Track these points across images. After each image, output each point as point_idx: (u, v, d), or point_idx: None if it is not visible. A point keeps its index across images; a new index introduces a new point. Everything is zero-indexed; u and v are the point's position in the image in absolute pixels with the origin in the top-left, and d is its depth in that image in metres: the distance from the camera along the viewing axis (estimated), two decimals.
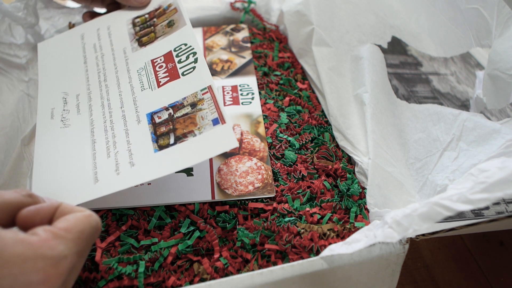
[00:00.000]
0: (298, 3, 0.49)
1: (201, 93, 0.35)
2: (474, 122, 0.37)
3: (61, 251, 0.24)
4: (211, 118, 0.34)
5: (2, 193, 0.26)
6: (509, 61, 0.37)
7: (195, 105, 0.35)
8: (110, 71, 0.41)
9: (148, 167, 0.33)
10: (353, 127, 0.41)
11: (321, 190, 0.37)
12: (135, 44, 0.42)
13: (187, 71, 0.37)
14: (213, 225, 0.35)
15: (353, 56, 0.46)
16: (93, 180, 0.33)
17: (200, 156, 0.32)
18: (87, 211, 0.27)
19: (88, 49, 0.43)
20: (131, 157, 0.34)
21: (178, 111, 0.35)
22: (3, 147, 0.38)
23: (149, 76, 0.38)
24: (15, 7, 0.44)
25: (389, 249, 0.31)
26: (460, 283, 0.42)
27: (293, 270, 0.30)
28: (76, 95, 0.40)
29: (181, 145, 0.33)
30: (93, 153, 0.35)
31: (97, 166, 0.34)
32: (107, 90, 0.39)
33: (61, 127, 0.38)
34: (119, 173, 0.33)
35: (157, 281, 0.32)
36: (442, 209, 0.27)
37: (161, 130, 0.35)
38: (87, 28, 0.45)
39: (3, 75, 0.43)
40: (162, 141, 0.34)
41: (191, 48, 0.39)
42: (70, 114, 0.38)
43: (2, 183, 0.37)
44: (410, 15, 0.49)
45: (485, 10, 0.41)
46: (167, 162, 0.33)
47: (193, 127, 0.34)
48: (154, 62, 0.39)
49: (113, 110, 0.38)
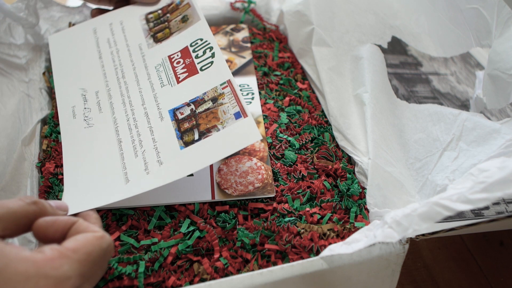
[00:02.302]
0: (298, 3, 0.49)
1: (221, 87, 0.36)
2: (474, 122, 0.37)
3: (65, 271, 0.23)
4: (233, 112, 0.34)
5: (7, 203, 0.26)
6: (509, 61, 0.37)
7: (216, 99, 0.35)
8: (127, 67, 0.41)
9: (176, 165, 0.33)
10: (353, 127, 0.41)
11: (321, 190, 0.37)
12: (150, 40, 0.42)
13: (205, 66, 0.37)
14: (213, 225, 0.35)
15: (353, 56, 0.46)
16: (124, 181, 0.34)
17: (226, 151, 0.33)
18: (100, 232, 0.26)
19: (102, 44, 0.43)
20: (158, 155, 0.34)
21: (200, 107, 0.35)
22: (5, 148, 0.39)
23: (168, 72, 0.38)
24: (16, 8, 0.44)
25: (389, 249, 0.31)
26: (460, 283, 0.42)
27: (293, 270, 0.30)
28: (95, 92, 0.40)
29: (206, 141, 0.34)
30: (121, 153, 0.35)
31: (126, 167, 0.35)
32: (126, 87, 0.39)
33: (85, 127, 0.38)
34: (149, 172, 0.34)
35: (157, 281, 0.32)
36: (442, 209, 0.27)
37: (184, 126, 0.35)
38: (99, 22, 0.45)
39: (3, 76, 0.43)
40: (187, 137, 0.34)
41: (207, 43, 0.39)
42: (92, 112, 0.39)
43: (5, 184, 0.37)
44: (410, 15, 0.49)
45: (485, 10, 0.41)
46: (194, 159, 0.33)
47: (216, 122, 0.34)
48: (172, 58, 0.40)
49: (135, 107, 0.38)
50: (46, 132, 0.41)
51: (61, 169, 0.38)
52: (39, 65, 0.47)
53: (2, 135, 0.39)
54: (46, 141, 0.41)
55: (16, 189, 0.37)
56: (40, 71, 0.47)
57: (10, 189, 0.37)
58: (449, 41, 0.47)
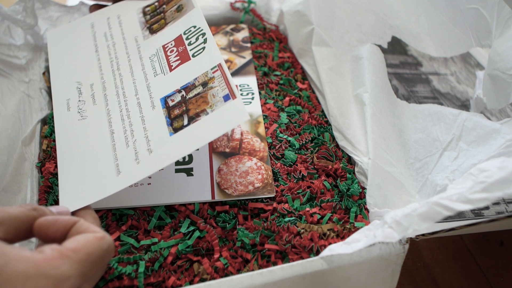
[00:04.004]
0: (298, 3, 0.49)
1: (212, 71, 0.36)
2: (474, 122, 0.37)
3: (65, 271, 0.23)
4: (222, 94, 0.34)
5: (8, 209, 0.26)
6: (509, 61, 0.37)
7: (206, 84, 0.35)
8: (122, 59, 0.41)
9: (165, 152, 0.33)
10: (353, 127, 0.41)
11: (321, 190, 0.37)
12: (146, 32, 0.42)
13: (197, 52, 0.37)
14: (213, 225, 0.35)
15: (353, 56, 0.46)
16: (115, 172, 0.34)
17: (213, 133, 0.33)
18: (101, 232, 0.26)
19: (99, 38, 0.43)
20: (148, 144, 0.34)
21: (190, 92, 0.36)
22: (6, 149, 0.39)
23: (161, 62, 0.39)
24: (14, 10, 0.45)
25: (389, 249, 0.31)
26: (460, 283, 0.42)
27: (293, 270, 0.30)
28: (90, 85, 0.40)
29: (194, 125, 0.34)
30: (113, 144, 0.35)
31: (118, 158, 0.34)
32: (121, 78, 0.39)
33: (79, 120, 0.38)
34: (139, 161, 0.33)
35: (157, 281, 0.32)
36: (442, 208, 0.27)
37: (175, 112, 0.35)
38: (96, 17, 0.45)
39: (3, 77, 0.43)
40: (176, 123, 0.34)
41: (200, 30, 0.39)
42: (86, 105, 0.39)
43: (5, 185, 0.37)
44: (410, 15, 0.49)
45: (485, 10, 0.41)
46: (183, 144, 0.33)
47: (205, 106, 0.34)
48: (165, 47, 0.40)
49: (128, 98, 0.38)
50: (46, 132, 0.41)
51: None
52: (39, 65, 0.47)
53: (2, 135, 0.39)
54: (46, 141, 0.41)
55: (17, 189, 0.37)
56: (40, 71, 0.47)
57: (11, 189, 0.37)
58: (449, 41, 0.47)
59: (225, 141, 0.40)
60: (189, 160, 0.39)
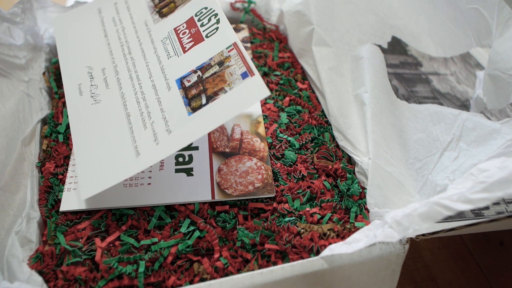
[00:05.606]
0: (298, 3, 0.49)
1: (227, 51, 0.36)
2: (474, 122, 0.37)
3: None
4: (239, 72, 0.34)
5: None
6: (509, 61, 0.37)
7: (223, 63, 0.35)
8: (133, 43, 0.41)
9: (184, 131, 0.33)
10: (353, 127, 0.41)
11: (321, 190, 0.37)
12: (156, 16, 0.42)
13: (211, 33, 0.38)
14: (213, 225, 0.35)
15: (353, 56, 0.46)
16: (135, 154, 0.34)
17: (233, 111, 0.33)
18: None
19: (107, 23, 0.43)
20: (166, 124, 0.34)
21: (207, 72, 0.36)
22: (4, 148, 0.38)
23: (174, 44, 0.39)
24: (13, 13, 0.45)
25: (389, 249, 0.31)
26: (460, 283, 0.42)
27: (293, 270, 0.30)
28: (102, 69, 0.40)
29: (213, 104, 0.34)
30: (130, 127, 0.36)
31: (136, 140, 0.35)
32: (133, 62, 0.39)
33: (92, 104, 0.38)
34: (158, 142, 0.34)
35: (157, 281, 0.32)
36: (442, 208, 0.27)
37: (192, 92, 0.35)
38: (103, 2, 0.45)
39: (3, 76, 0.43)
40: (194, 103, 0.34)
41: (212, 11, 0.39)
42: (98, 89, 0.39)
43: (4, 184, 0.37)
44: (410, 15, 0.49)
45: (485, 10, 0.41)
46: (203, 122, 0.33)
47: (223, 84, 0.34)
48: (177, 30, 0.40)
49: (142, 81, 0.38)
50: (46, 132, 0.41)
51: (61, 169, 0.38)
52: (39, 65, 0.47)
53: (1, 135, 0.39)
54: (46, 141, 0.41)
55: (15, 189, 0.37)
56: (40, 71, 0.47)
57: (9, 189, 0.37)
58: (449, 41, 0.47)
59: (225, 141, 0.40)
60: (189, 160, 0.39)
